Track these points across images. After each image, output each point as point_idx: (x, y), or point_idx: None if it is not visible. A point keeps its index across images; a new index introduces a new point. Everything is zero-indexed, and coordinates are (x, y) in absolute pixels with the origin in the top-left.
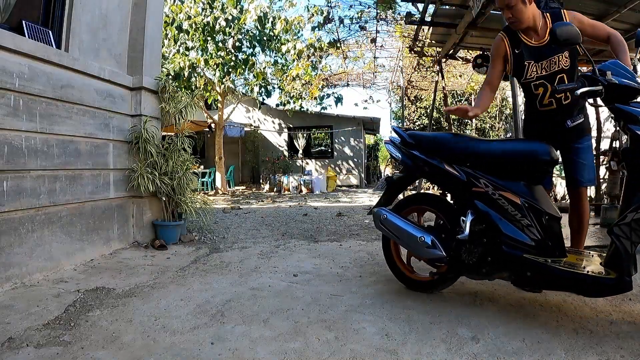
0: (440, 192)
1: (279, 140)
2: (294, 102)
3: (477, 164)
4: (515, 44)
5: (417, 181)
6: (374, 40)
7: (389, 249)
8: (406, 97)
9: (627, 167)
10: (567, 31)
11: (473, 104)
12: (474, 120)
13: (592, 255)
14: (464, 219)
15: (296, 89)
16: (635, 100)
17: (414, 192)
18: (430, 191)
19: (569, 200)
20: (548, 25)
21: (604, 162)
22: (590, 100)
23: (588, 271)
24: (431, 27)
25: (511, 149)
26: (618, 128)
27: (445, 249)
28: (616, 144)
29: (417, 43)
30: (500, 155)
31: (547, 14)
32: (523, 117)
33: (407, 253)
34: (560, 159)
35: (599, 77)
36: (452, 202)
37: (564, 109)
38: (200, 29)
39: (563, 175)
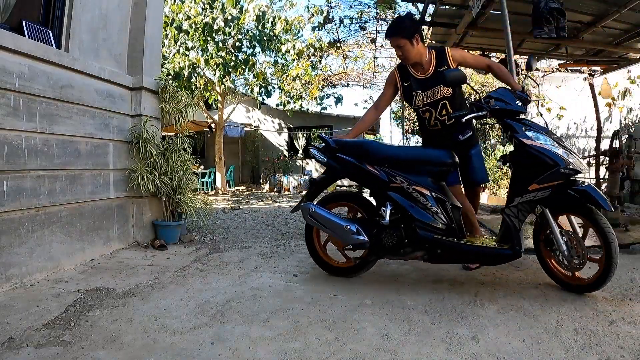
0: (357, 188)
1: (279, 140)
2: (294, 102)
3: (394, 165)
4: (405, 78)
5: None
6: (374, 40)
7: (312, 241)
8: None
9: (513, 165)
10: (455, 76)
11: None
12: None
13: (485, 235)
14: (384, 209)
15: (296, 89)
16: (519, 117)
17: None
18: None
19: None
20: (433, 60)
21: (604, 162)
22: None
23: (488, 245)
24: (431, 27)
25: (421, 154)
26: (505, 137)
27: (368, 235)
28: (616, 143)
29: None
30: (413, 158)
31: (433, 50)
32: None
33: (322, 243)
34: (458, 162)
35: (484, 105)
36: (371, 196)
37: (447, 127)
38: (200, 29)
39: None
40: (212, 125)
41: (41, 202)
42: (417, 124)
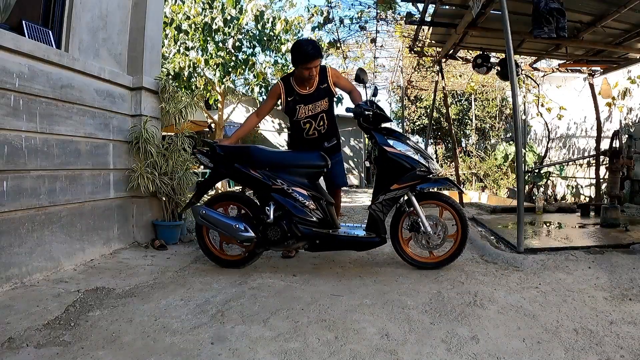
0: (240, 189)
1: (279, 140)
2: None
3: (275, 168)
4: (289, 93)
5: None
6: (374, 40)
7: (203, 238)
8: (406, 97)
9: (377, 168)
10: (364, 75)
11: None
12: (474, 120)
13: (354, 227)
14: (268, 208)
15: None
16: (380, 126)
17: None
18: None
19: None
20: (316, 78)
21: (604, 162)
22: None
23: (359, 235)
24: (431, 27)
25: (298, 158)
26: (371, 143)
27: (254, 231)
28: (616, 143)
29: (417, 43)
30: (291, 162)
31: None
32: (289, 142)
33: (219, 241)
34: (330, 164)
35: (369, 107)
36: (254, 197)
37: (322, 136)
38: (200, 29)
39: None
40: (212, 125)
41: (41, 202)
42: (417, 124)
